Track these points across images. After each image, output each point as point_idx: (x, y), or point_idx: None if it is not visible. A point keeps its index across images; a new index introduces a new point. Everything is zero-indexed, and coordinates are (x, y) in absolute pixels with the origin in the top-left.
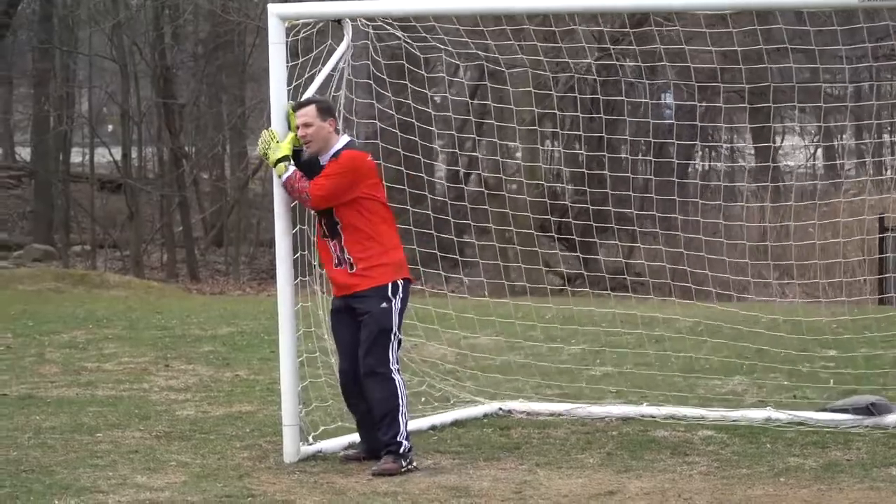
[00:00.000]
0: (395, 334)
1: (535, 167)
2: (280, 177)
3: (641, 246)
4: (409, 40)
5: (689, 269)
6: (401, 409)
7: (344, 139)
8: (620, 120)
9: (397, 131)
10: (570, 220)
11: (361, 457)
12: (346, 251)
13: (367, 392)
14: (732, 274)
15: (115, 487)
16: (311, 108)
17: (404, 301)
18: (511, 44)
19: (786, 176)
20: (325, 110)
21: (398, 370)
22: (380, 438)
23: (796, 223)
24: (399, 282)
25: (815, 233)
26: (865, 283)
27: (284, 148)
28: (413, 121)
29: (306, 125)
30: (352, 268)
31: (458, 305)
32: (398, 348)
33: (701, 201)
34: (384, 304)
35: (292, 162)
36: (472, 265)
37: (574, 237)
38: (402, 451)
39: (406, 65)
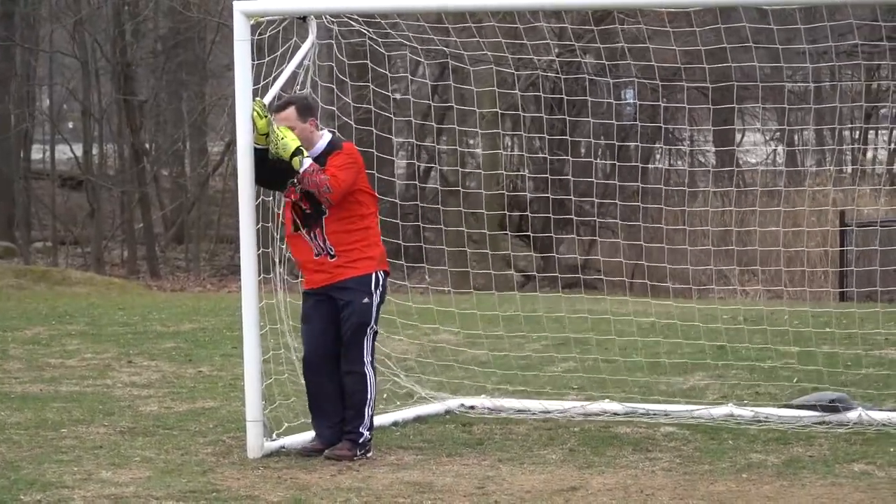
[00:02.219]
0: (371, 327)
1: (496, 164)
2: (298, 170)
3: (602, 241)
4: (374, 36)
5: (648, 264)
6: (368, 402)
7: (326, 134)
8: (582, 116)
9: (355, 127)
10: (530, 215)
11: (319, 448)
12: (327, 241)
13: (345, 387)
14: (694, 270)
15: (80, 482)
16: (291, 111)
17: (383, 294)
18: (473, 40)
19: (747, 173)
20: (305, 110)
21: (371, 363)
22: (342, 427)
23: (759, 220)
24: (380, 274)
25: (777, 229)
26: (826, 278)
27: (291, 140)
28: (375, 118)
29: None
30: (332, 257)
31: (419, 301)
32: (374, 340)
33: (665, 195)
34: (366, 300)
35: (306, 153)
36: (432, 261)
37: (534, 234)
38: (361, 440)
39: (369, 63)
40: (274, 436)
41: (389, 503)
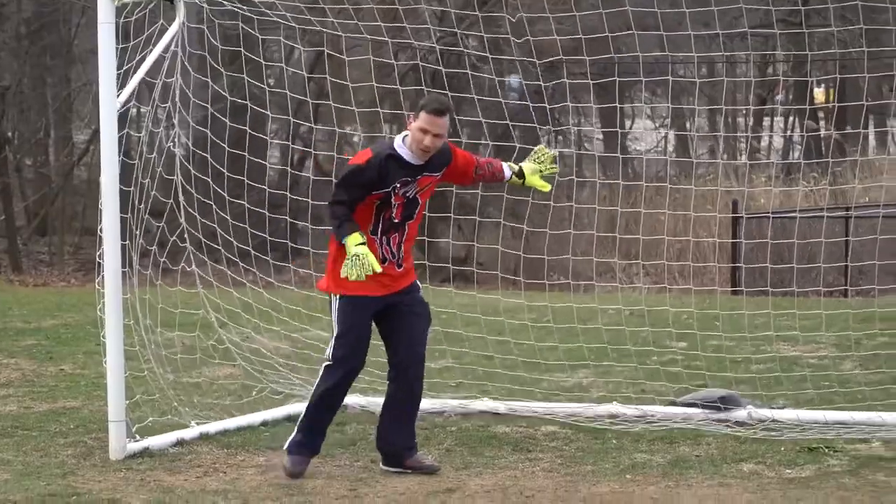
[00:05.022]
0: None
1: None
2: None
3: (485, 235)
4: (248, 14)
5: (531, 256)
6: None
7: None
8: (464, 102)
9: (225, 116)
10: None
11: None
12: (402, 248)
13: (417, 386)
14: (579, 263)
15: None
16: (447, 119)
17: None
18: (351, 22)
19: (636, 161)
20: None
21: None
22: (409, 432)
23: (647, 210)
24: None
25: (667, 215)
26: (717, 271)
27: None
28: (247, 105)
29: (438, 136)
30: (399, 266)
31: (292, 296)
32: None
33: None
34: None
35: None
36: (307, 254)
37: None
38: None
39: (242, 49)
40: (137, 436)
41: None
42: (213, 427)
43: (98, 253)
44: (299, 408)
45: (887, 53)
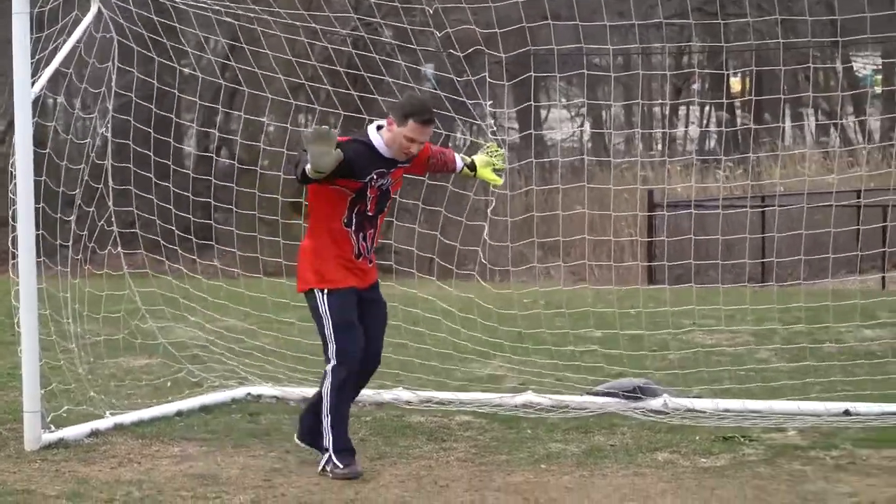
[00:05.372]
0: None
1: (288, 141)
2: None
3: (399, 223)
4: (162, 2)
5: (447, 241)
6: None
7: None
8: (378, 90)
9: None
10: None
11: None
12: (373, 244)
13: (368, 379)
14: (495, 253)
15: None
16: (432, 126)
17: None
18: (267, 10)
19: (551, 150)
20: None
21: None
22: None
23: (563, 199)
24: None
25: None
26: (634, 260)
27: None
28: (163, 93)
29: (422, 143)
30: (370, 262)
31: (207, 286)
32: None
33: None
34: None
35: None
36: (223, 244)
37: None
38: None
39: (157, 36)
40: (52, 426)
41: (172, 497)
42: (127, 417)
43: (10, 239)
44: (214, 398)
45: (802, 44)
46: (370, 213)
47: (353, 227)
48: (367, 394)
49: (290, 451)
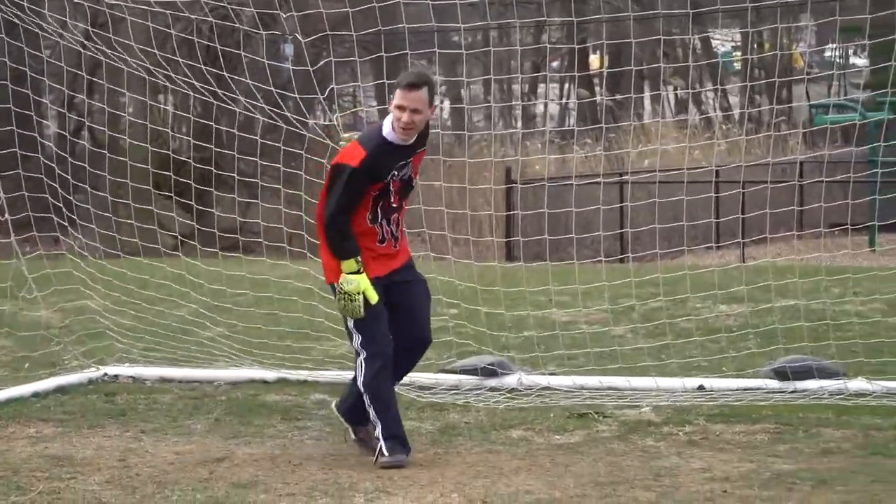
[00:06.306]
0: None
1: (149, 121)
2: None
3: (260, 204)
4: None
5: (306, 228)
6: None
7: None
8: (238, 71)
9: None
10: (190, 181)
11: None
12: (400, 225)
13: (416, 360)
14: None
15: None
16: (424, 92)
17: None
18: None
19: None
20: (433, 94)
21: None
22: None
23: (421, 177)
24: None
25: (440, 187)
26: (493, 236)
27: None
28: (21, 73)
29: (416, 111)
30: (396, 245)
31: (67, 266)
32: None
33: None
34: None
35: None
36: (84, 224)
37: (190, 195)
38: None
39: (13, 17)
40: None
41: (27, 478)
42: None
43: None
44: (70, 379)
45: (655, 16)
46: (395, 205)
47: (379, 220)
48: (222, 374)
49: (144, 432)
